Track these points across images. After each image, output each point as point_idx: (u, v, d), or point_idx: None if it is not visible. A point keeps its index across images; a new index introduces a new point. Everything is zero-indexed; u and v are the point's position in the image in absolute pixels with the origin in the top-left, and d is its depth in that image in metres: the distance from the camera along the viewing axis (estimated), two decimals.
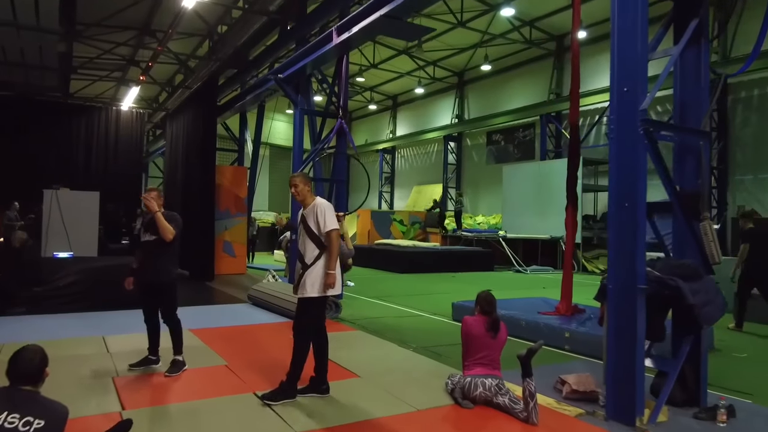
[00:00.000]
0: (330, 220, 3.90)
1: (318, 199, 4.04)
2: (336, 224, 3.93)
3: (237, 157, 13.98)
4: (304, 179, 4.06)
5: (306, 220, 3.97)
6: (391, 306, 8.58)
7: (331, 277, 3.83)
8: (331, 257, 3.85)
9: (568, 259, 6.75)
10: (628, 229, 3.61)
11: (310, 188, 4.08)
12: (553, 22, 18.24)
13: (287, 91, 8.75)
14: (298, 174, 4.18)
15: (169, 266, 4.63)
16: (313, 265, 3.88)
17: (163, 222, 4.42)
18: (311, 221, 3.94)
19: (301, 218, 4.04)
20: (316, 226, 3.91)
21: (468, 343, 3.95)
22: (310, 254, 3.92)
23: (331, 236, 3.86)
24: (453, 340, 5.96)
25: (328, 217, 3.90)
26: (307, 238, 3.94)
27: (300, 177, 4.08)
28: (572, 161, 6.73)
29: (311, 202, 4.01)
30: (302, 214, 4.03)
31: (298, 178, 4.06)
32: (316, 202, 4.00)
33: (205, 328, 6.29)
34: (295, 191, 4.01)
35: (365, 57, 21.99)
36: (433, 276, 13.54)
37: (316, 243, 3.91)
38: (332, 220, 3.91)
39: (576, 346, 5.54)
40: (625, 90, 3.66)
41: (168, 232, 4.43)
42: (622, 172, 3.67)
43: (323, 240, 3.89)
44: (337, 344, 5.53)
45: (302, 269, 3.94)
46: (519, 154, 20.88)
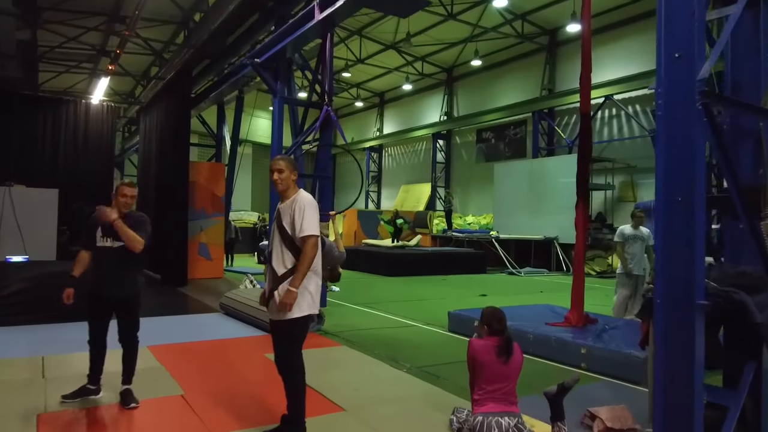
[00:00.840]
0: (310, 222, 3.07)
1: (301, 193, 3.21)
2: (317, 229, 3.10)
3: (214, 154, 13.08)
4: (290, 164, 3.23)
5: (281, 217, 3.15)
6: (380, 314, 7.81)
7: (290, 295, 2.96)
8: (300, 270, 3.00)
9: (578, 263, 6.03)
10: (682, 230, 2.87)
11: (296, 178, 3.27)
12: (546, 15, 17.67)
13: (265, 77, 7.92)
14: (283, 157, 3.32)
15: (137, 276, 3.86)
16: (289, 278, 3.05)
17: (127, 233, 3.62)
18: (287, 219, 3.12)
19: (276, 214, 3.22)
20: (291, 226, 3.09)
21: (476, 371, 3.18)
22: (285, 263, 3.09)
23: (307, 244, 3.03)
24: (451, 357, 5.21)
25: (308, 218, 3.07)
26: (280, 241, 3.13)
27: (286, 161, 3.23)
28: (583, 153, 6.05)
29: (293, 195, 3.19)
30: (278, 209, 3.21)
31: (284, 161, 3.21)
32: (298, 195, 3.18)
33: (166, 344, 5.45)
34: (279, 177, 3.16)
35: (351, 52, 21.25)
36: (423, 279, 12.80)
37: (292, 249, 3.09)
38: (312, 223, 3.08)
39: (594, 365, 4.81)
40: (677, 56, 2.92)
41: (137, 243, 3.67)
42: (673, 159, 2.93)
43: (299, 245, 3.08)
44: (319, 364, 4.74)
45: (273, 283, 3.11)
46: (510, 152, 20.26)
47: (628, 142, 16.17)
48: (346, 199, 27.14)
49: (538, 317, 6.23)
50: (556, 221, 15.66)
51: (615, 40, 16.20)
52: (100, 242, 3.76)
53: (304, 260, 3.02)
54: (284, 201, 3.19)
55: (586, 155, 6.03)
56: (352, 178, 29.34)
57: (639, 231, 6.90)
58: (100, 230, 3.78)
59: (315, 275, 3.14)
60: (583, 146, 6.04)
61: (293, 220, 3.08)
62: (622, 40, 16.23)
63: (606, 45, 16.50)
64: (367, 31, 20.27)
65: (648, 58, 15.23)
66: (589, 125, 6.10)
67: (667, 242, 2.94)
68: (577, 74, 7.71)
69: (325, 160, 8.20)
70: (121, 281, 3.76)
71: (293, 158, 3.31)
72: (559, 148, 18.20)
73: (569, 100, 17.35)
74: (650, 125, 15.21)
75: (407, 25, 18.51)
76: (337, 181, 31.32)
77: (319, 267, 3.18)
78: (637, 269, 6.74)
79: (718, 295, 2.90)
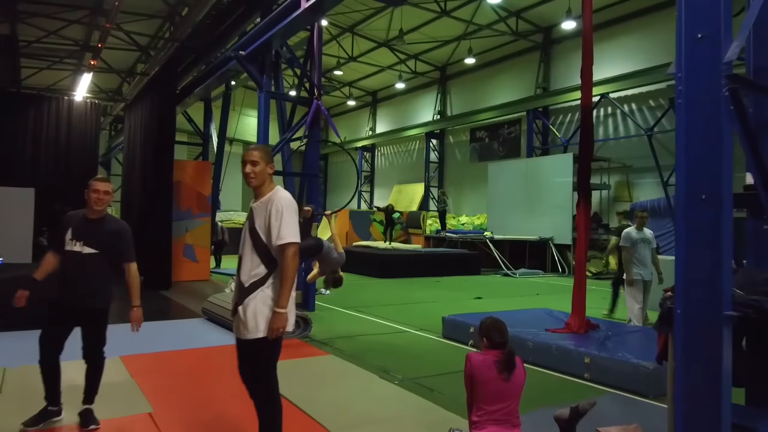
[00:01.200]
0: (289, 227, 2.61)
1: (279, 191, 2.75)
2: (297, 235, 2.65)
3: (201, 152, 12.67)
4: (266, 155, 2.78)
5: (254, 217, 2.72)
6: (371, 319, 7.46)
7: (279, 319, 2.57)
8: (284, 287, 2.59)
9: (580, 266, 5.72)
10: (706, 231, 2.56)
11: (273, 171, 2.81)
12: (540, 12, 17.42)
13: (250, 70, 7.54)
14: (259, 146, 2.87)
15: (110, 287, 3.51)
16: (258, 290, 2.63)
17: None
18: (260, 221, 2.68)
19: (249, 214, 2.80)
20: (266, 230, 2.64)
21: (475, 389, 2.84)
22: (253, 272, 2.65)
23: (287, 254, 2.59)
24: (446, 367, 4.89)
25: (287, 223, 2.61)
26: (251, 246, 2.68)
27: (261, 151, 2.77)
28: (584, 150, 5.71)
29: (269, 192, 2.73)
30: (251, 208, 2.79)
31: (259, 151, 2.76)
32: (274, 194, 2.71)
33: (141, 354, 5.08)
34: (252, 171, 2.70)
35: (343, 49, 20.92)
36: (416, 281, 12.47)
37: (263, 256, 2.65)
38: (292, 228, 2.62)
39: (598, 375, 4.50)
40: (700, 36, 2.61)
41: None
42: (696, 151, 2.62)
43: (274, 254, 2.64)
44: (303, 376, 4.40)
45: (240, 296, 2.68)
46: (504, 152, 19.99)
47: (623, 141, 15.94)
48: (340, 200, 26.81)
49: (537, 322, 5.92)
50: (551, 221, 15.40)
51: (610, 38, 15.96)
52: (69, 246, 3.36)
53: (287, 273, 2.59)
54: (258, 199, 2.75)
55: (587, 152, 5.70)
56: (345, 179, 28.99)
57: (644, 233, 6.49)
58: (71, 232, 3.40)
59: None
60: (585, 142, 5.71)
61: (269, 224, 2.64)
62: (617, 37, 15.99)
63: (601, 43, 16.22)
64: (359, 29, 19.93)
65: (644, 56, 15.02)
66: (590, 120, 5.77)
67: (689, 245, 2.62)
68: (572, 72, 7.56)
69: (314, 158, 7.84)
70: (91, 291, 3.39)
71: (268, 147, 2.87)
72: (553, 148, 17.95)
73: (564, 98, 17.11)
74: (646, 124, 14.99)
75: (400, 22, 18.20)
76: (330, 181, 30.98)
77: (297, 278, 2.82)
78: (648, 274, 6.34)
79: (747, 305, 2.59)
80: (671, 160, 14.26)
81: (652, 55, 14.79)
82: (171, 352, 5.36)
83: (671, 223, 13.84)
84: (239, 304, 2.67)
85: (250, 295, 2.63)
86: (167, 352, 5.34)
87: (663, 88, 14.74)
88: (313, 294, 7.88)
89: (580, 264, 5.72)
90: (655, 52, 14.82)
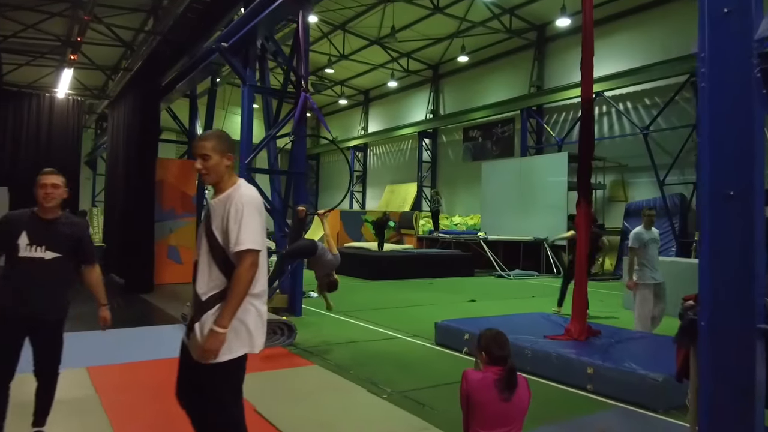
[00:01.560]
0: (249, 230, 2.18)
1: (240, 187, 2.30)
2: (258, 241, 2.22)
3: (186, 150, 12.28)
4: (220, 144, 2.29)
5: (211, 218, 2.28)
6: (361, 324, 7.12)
7: (215, 340, 2.12)
8: (230, 302, 2.15)
9: (581, 268, 5.40)
10: (735, 233, 2.24)
11: (232, 163, 2.34)
12: (534, 10, 17.17)
13: (233, 63, 7.17)
14: (210, 135, 2.35)
15: (68, 297, 3.15)
16: (219, 305, 2.21)
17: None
18: (217, 221, 2.25)
19: (205, 212, 2.36)
20: (223, 234, 2.22)
21: (473, 412, 2.51)
22: (212, 283, 2.24)
23: (243, 263, 2.16)
24: (439, 378, 4.56)
25: (248, 225, 2.18)
26: (208, 252, 2.26)
27: (213, 140, 2.29)
28: (585, 146, 5.39)
29: (228, 187, 2.29)
30: (208, 206, 2.35)
31: (209, 141, 2.28)
32: (235, 190, 2.27)
33: (110, 365, 4.72)
34: (203, 166, 2.26)
35: (334, 47, 20.58)
36: (409, 283, 12.15)
37: (224, 265, 2.23)
38: (253, 232, 2.19)
39: (602, 386, 4.18)
40: (726, 11, 2.30)
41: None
42: (723, 142, 2.31)
43: (234, 260, 2.22)
44: (284, 390, 4.06)
45: (196, 311, 2.26)
46: (497, 151, 19.73)
47: (619, 140, 15.71)
48: (332, 200, 26.42)
49: (535, 328, 5.61)
50: (546, 222, 15.13)
51: (605, 36, 15.71)
52: (26, 252, 2.93)
53: (237, 287, 2.16)
54: (217, 195, 2.31)
55: (588, 148, 5.38)
56: (338, 179, 28.63)
57: (653, 232, 6.05)
58: (26, 236, 2.97)
59: (256, 300, 2.29)
60: (585, 138, 5.40)
61: (227, 226, 2.20)
62: (612, 35, 15.75)
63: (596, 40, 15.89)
64: (351, 26, 19.60)
65: (639, 54, 14.80)
66: (591, 114, 5.46)
67: (714, 249, 2.31)
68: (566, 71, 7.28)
69: (301, 155, 7.49)
70: (54, 300, 3.04)
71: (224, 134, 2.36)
72: (548, 147, 17.71)
73: (558, 97, 16.86)
74: (642, 122, 14.77)
75: (392, 19, 17.89)
76: (322, 181, 30.59)
77: (261, 287, 2.33)
78: (660, 276, 5.91)
79: None
80: (667, 159, 14.06)
81: (648, 53, 14.58)
82: (144, 362, 4.98)
83: (667, 224, 13.63)
84: (196, 321, 2.23)
85: (210, 311, 2.21)
86: (139, 362, 4.97)
87: (659, 86, 14.52)
88: (299, 298, 7.53)
89: (580, 267, 5.40)
90: (650, 49, 14.61)
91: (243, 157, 7.12)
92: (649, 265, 5.84)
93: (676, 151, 13.67)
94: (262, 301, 2.33)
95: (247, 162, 7.03)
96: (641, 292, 5.83)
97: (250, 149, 7.12)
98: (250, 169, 7.19)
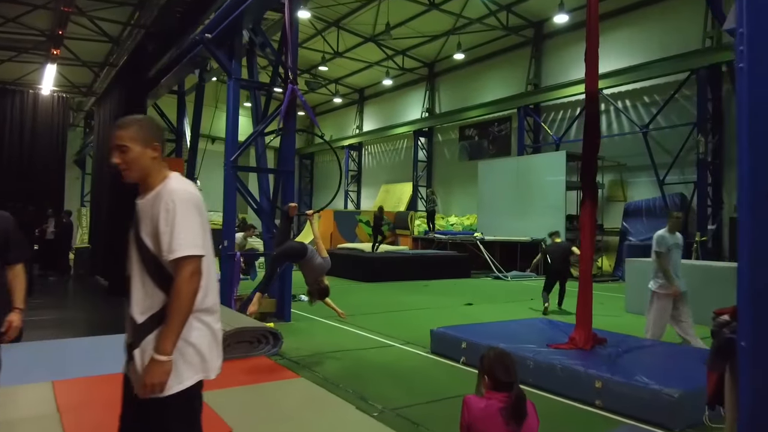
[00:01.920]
0: (186, 232, 1.80)
1: (171, 181, 1.90)
2: (197, 245, 1.82)
3: (174, 149, 11.90)
4: (140, 133, 1.89)
5: (139, 222, 1.90)
6: (352, 330, 6.78)
7: (155, 371, 1.75)
8: (172, 323, 1.77)
9: (586, 272, 5.06)
10: None
11: (159, 154, 1.93)
12: (531, 6, 16.87)
13: (217, 55, 6.81)
14: (127, 122, 1.92)
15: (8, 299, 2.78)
16: (159, 327, 1.82)
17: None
18: (146, 227, 1.86)
19: (134, 215, 1.95)
20: (154, 239, 1.84)
21: None
22: (148, 302, 1.86)
23: (182, 274, 1.78)
24: (434, 392, 4.22)
25: (182, 226, 1.80)
26: (138, 261, 1.89)
27: (132, 128, 1.89)
28: (589, 141, 5.06)
29: (158, 184, 1.90)
30: (136, 207, 1.95)
31: (126, 130, 1.88)
32: (165, 186, 1.88)
33: (79, 378, 4.36)
34: (122, 160, 1.88)
35: (329, 44, 20.22)
36: (404, 285, 11.82)
37: (158, 276, 1.84)
38: (190, 235, 1.81)
39: (612, 402, 3.86)
40: None
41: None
42: (763, 132, 1.98)
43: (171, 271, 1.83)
44: (265, 407, 3.71)
45: (132, 335, 1.88)
46: (494, 150, 19.42)
47: (617, 139, 15.43)
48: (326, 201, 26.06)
49: (537, 336, 5.28)
50: (544, 222, 14.79)
51: (603, 33, 15.19)
52: None
53: (178, 303, 1.78)
54: (145, 195, 1.92)
55: (592, 144, 5.05)
56: (332, 179, 28.24)
57: (677, 237, 5.54)
58: None
59: (207, 316, 1.91)
60: (590, 133, 5.07)
61: (157, 228, 1.82)
62: (611, 32, 15.45)
63: None
64: (345, 23, 19.26)
65: (638, 51, 14.52)
66: (596, 107, 5.13)
67: (757, 256, 1.98)
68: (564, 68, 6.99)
69: (289, 152, 7.13)
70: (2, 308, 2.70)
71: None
72: (545, 146, 17.42)
73: (556, 95, 16.58)
74: (641, 121, 14.49)
75: (387, 16, 17.54)
76: (316, 181, 30.20)
77: (212, 300, 1.95)
78: (683, 284, 5.45)
79: None
80: (667, 159, 13.78)
81: (647, 50, 14.31)
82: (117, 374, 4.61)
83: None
84: (134, 347, 1.86)
85: (150, 335, 1.83)
86: (112, 375, 4.59)
87: (658, 84, 14.26)
88: (288, 302, 7.17)
89: (585, 270, 5.06)
90: (649, 46, 14.34)
91: (228, 155, 6.76)
92: (674, 271, 5.37)
93: (676, 150, 13.41)
94: (215, 317, 1.96)
95: (232, 160, 6.67)
96: (661, 302, 5.36)
97: (235, 147, 6.76)
98: (236, 167, 6.83)
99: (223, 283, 7.13)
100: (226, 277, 6.98)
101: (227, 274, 6.97)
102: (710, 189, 13.01)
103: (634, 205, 14.60)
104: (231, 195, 6.83)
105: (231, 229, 7.24)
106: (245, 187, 6.92)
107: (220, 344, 1.99)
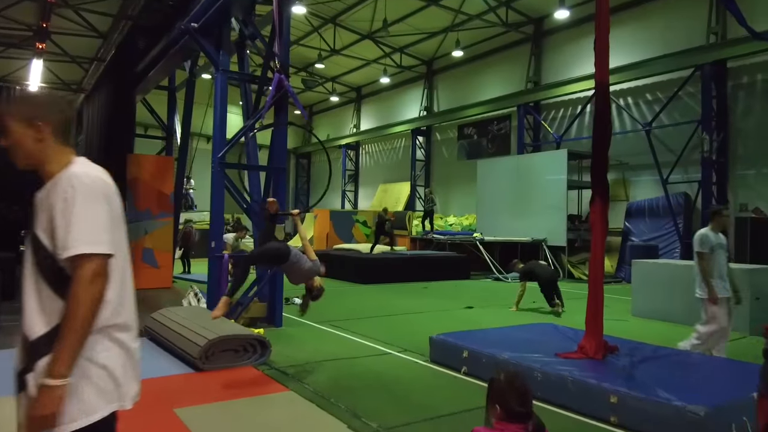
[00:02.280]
0: (86, 225, 1.48)
1: (72, 167, 1.57)
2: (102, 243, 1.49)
3: (164, 147, 11.53)
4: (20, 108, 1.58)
5: (36, 218, 1.58)
6: (347, 337, 6.42)
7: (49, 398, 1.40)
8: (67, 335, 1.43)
9: (596, 275, 4.72)
10: None
11: (50, 136, 1.58)
12: (531, 2, 16.58)
13: (203, 45, 6.44)
14: (15, 97, 1.75)
15: None
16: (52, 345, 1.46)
17: None
18: (42, 222, 1.54)
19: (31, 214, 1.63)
20: (49, 235, 1.51)
21: None
22: (45, 314, 1.50)
23: (80, 274, 1.45)
24: (433, 407, 3.87)
25: (81, 217, 1.48)
26: (32, 265, 1.55)
27: (12, 105, 1.60)
28: (600, 136, 4.71)
29: (57, 171, 1.56)
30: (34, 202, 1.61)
31: (10, 105, 1.60)
32: (65, 172, 1.55)
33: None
34: (6, 144, 1.57)
35: (325, 41, 19.87)
36: (402, 287, 11.48)
37: (55, 284, 1.51)
38: (91, 228, 1.48)
39: (629, 419, 3.52)
40: None
41: None
42: None
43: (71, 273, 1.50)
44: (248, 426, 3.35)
45: (25, 356, 1.52)
46: (493, 149, 19.09)
47: (619, 137, 15.03)
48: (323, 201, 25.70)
49: (543, 343, 4.93)
50: (544, 222, 14.51)
51: None
52: None
53: (75, 312, 1.43)
54: (45, 185, 1.60)
55: (603, 139, 4.70)
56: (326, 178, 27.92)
57: (721, 237, 5.04)
58: None
59: (119, 332, 1.58)
60: (600, 127, 4.72)
61: (53, 222, 1.50)
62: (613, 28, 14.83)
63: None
64: (342, 20, 18.93)
65: (640, 48, 14.19)
66: (607, 99, 4.77)
67: None
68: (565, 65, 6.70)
69: (281, 148, 6.77)
70: None
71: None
72: (545, 144, 17.10)
73: (556, 92, 16.26)
74: (643, 118, 14.18)
75: (384, 12, 17.20)
76: (313, 181, 29.83)
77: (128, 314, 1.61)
78: (727, 290, 4.95)
79: None
80: (670, 157, 13.46)
81: (649, 47, 13.99)
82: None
83: (671, 224, 13.05)
84: (28, 371, 1.49)
85: (46, 357, 1.45)
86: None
87: (661, 81, 13.95)
88: (279, 307, 6.80)
89: (596, 273, 4.72)
90: (652, 43, 14.02)
91: (216, 152, 6.40)
92: (718, 275, 4.90)
93: (679, 148, 13.09)
94: (131, 334, 1.61)
95: (220, 156, 6.31)
96: (711, 311, 4.87)
97: (224, 143, 6.40)
98: (224, 164, 6.48)
99: (211, 286, 6.78)
100: (215, 279, 6.62)
101: (215, 276, 6.60)
102: (715, 188, 12.70)
103: (636, 204, 14.28)
104: (219, 194, 6.47)
105: (219, 229, 6.88)
106: (234, 186, 6.56)
107: (138, 366, 1.64)
